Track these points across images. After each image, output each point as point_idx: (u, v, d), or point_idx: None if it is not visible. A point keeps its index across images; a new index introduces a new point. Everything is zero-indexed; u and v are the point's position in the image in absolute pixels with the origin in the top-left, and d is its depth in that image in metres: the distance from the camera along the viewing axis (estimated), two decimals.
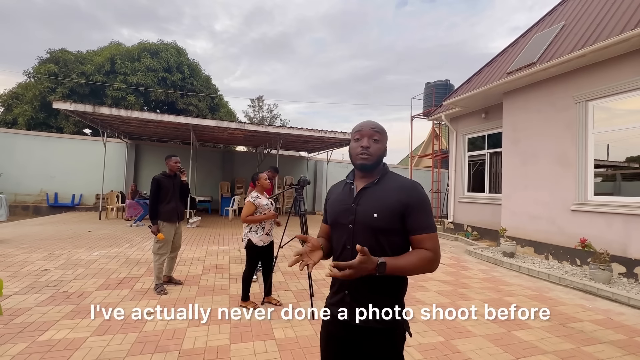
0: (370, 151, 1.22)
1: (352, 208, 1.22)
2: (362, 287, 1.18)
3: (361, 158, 1.23)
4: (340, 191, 1.33)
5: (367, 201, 1.20)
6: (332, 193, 1.38)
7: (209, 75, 17.99)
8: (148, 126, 10.33)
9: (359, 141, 1.25)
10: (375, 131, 1.24)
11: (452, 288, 4.41)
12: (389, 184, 1.23)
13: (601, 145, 5.63)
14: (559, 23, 6.80)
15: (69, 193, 11.60)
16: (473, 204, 8.83)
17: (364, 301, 1.18)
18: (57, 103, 8.17)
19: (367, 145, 1.22)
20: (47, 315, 3.03)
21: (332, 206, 1.32)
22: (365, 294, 1.18)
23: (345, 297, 1.22)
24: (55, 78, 13.86)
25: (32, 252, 5.34)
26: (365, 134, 1.24)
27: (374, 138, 1.24)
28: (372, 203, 1.19)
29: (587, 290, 4.46)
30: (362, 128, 1.25)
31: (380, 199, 1.19)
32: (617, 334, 3.15)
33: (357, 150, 1.24)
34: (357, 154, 1.24)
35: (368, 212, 1.18)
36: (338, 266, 1.05)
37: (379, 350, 1.16)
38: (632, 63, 5.02)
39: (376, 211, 1.17)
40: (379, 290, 1.18)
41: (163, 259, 3.86)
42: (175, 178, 4.04)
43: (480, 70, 8.51)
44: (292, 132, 9.91)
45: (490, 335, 2.99)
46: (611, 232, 5.12)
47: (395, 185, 1.21)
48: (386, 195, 1.19)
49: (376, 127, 1.25)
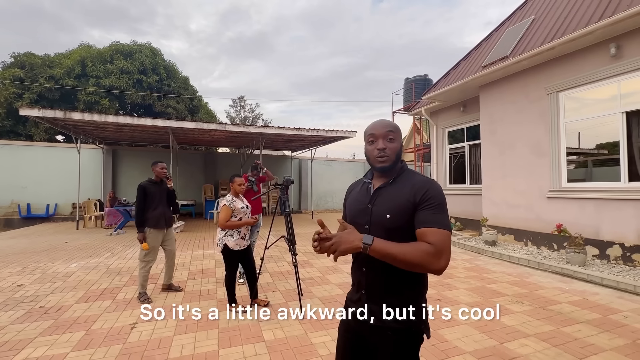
0: (387, 152, 1.20)
1: (368, 209, 1.22)
2: (378, 287, 1.19)
3: (380, 161, 1.21)
4: (358, 190, 1.33)
5: (381, 202, 1.20)
6: (351, 191, 1.38)
7: (186, 77, 17.55)
8: (124, 130, 9.98)
9: (374, 143, 1.23)
10: (389, 131, 1.22)
11: (438, 279, 4.50)
12: (403, 183, 1.20)
13: (573, 133, 5.88)
14: (529, 17, 7.03)
15: (42, 203, 11.08)
16: (455, 196, 9.05)
17: (380, 301, 1.17)
18: (25, 110, 7.75)
19: (384, 146, 1.20)
20: (22, 333, 2.88)
21: (350, 205, 1.33)
22: (382, 293, 1.18)
23: (362, 296, 1.23)
24: (22, 83, 13.15)
25: (4, 267, 5.07)
26: (380, 135, 1.22)
27: (389, 137, 1.22)
28: (386, 204, 1.19)
29: (565, 273, 4.67)
30: (375, 130, 1.23)
31: (393, 199, 1.18)
32: (592, 314, 3.31)
33: (375, 153, 1.22)
34: (375, 157, 1.21)
35: (382, 213, 1.18)
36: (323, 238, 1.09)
37: (394, 350, 1.15)
38: (598, 54, 5.25)
39: (389, 212, 1.16)
40: (395, 290, 1.17)
41: (149, 266, 3.77)
42: (162, 184, 3.97)
43: (456, 65, 8.70)
44: (275, 131, 9.83)
45: (474, 323, 3.08)
46: (584, 217, 5.37)
47: (408, 185, 1.19)
48: (398, 195, 1.18)
49: (389, 126, 1.23)
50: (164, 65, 15.96)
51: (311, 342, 2.72)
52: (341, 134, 10.69)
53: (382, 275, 1.16)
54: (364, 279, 1.22)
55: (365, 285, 1.22)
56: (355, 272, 1.28)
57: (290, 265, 5.22)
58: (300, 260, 5.33)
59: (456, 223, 8.73)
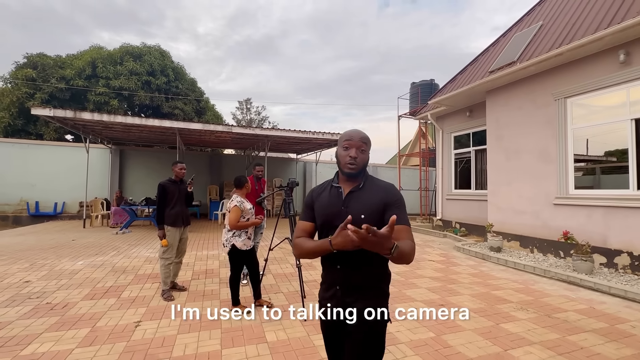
0: (357, 161, 1.36)
1: (343, 211, 1.33)
2: (353, 282, 1.33)
3: (350, 168, 1.36)
4: (327, 194, 1.43)
5: (355, 204, 1.34)
6: (319, 195, 1.46)
7: (194, 78, 17.75)
8: (132, 131, 10.11)
9: (347, 150, 1.37)
10: (363, 142, 1.38)
11: (442, 284, 4.48)
12: (372, 187, 1.38)
13: (581, 140, 5.83)
14: (537, 23, 7.01)
15: (50, 201, 11.24)
16: (460, 201, 8.99)
17: (355, 294, 1.33)
18: (36, 109, 7.90)
19: (355, 155, 1.35)
20: (29, 329, 2.92)
21: (321, 209, 1.40)
22: (357, 287, 1.33)
23: (337, 292, 1.35)
24: (34, 83, 13.41)
25: (13, 263, 5.16)
26: (354, 144, 1.37)
27: (362, 149, 1.37)
28: (360, 205, 1.33)
29: (571, 281, 4.61)
30: (351, 138, 1.38)
31: (367, 201, 1.34)
32: (599, 323, 3.26)
33: (346, 159, 1.36)
34: (346, 162, 1.36)
35: (357, 214, 1.29)
36: (369, 229, 1.00)
37: (368, 334, 1.32)
38: (607, 61, 5.21)
39: (364, 212, 1.31)
40: (369, 283, 1.33)
41: (169, 262, 3.85)
42: (182, 184, 4.10)
43: (463, 70, 8.69)
44: (280, 134, 9.88)
45: (479, 329, 3.05)
46: (592, 224, 5.30)
47: (377, 188, 1.38)
48: (371, 198, 1.35)
49: (364, 139, 1.39)
50: (172, 67, 16.17)
51: (313, 344, 2.72)
52: None
53: (356, 271, 1.31)
54: (338, 275, 1.35)
55: (341, 281, 1.35)
56: (328, 271, 1.40)
57: (293, 267, 5.22)
58: (304, 263, 5.33)
59: (461, 228, 8.67)
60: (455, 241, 7.81)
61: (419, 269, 5.31)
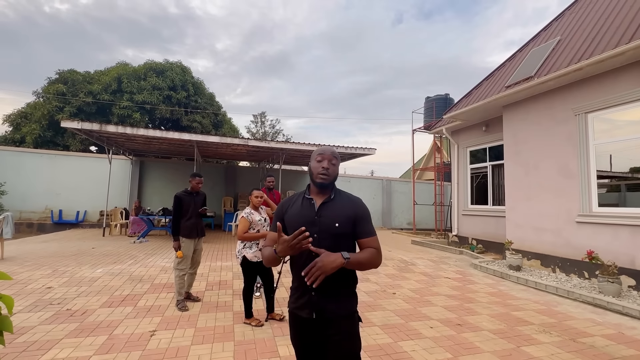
0: (329, 172, 1.49)
1: (316, 220, 1.44)
2: (328, 285, 1.38)
3: (321, 178, 1.48)
4: (299, 205, 1.52)
5: (328, 214, 1.45)
6: (289, 207, 1.54)
7: (212, 93, 18.36)
8: (153, 143, 10.49)
9: (320, 162, 1.50)
10: (334, 157, 1.53)
11: (459, 302, 4.34)
12: (342, 199, 1.51)
13: (604, 156, 5.64)
14: (554, 38, 6.95)
15: (73, 210, 11.68)
16: (477, 217, 8.78)
17: (330, 296, 1.42)
18: (66, 122, 8.35)
19: (327, 167, 1.48)
20: (50, 334, 3.01)
21: (293, 219, 1.48)
22: (330, 290, 1.41)
23: (312, 297, 1.42)
24: (64, 97, 14.21)
25: (36, 269, 5.35)
26: (326, 157, 1.51)
27: (332, 162, 1.51)
28: (334, 215, 1.44)
29: (597, 303, 4.38)
30: (324, 152, 1.53)
31: (339, 211, 1.46)
32: (629, 349, 3.08)
33: (319, 170, 1.49)
34: (319, 173, 1.48)
35: (331, 223, 1.43)
36: (308, 271, 1.29)
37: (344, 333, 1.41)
38: (629, 75, 5.09)
39: (337, 221, 1.43)
40: (340, 285, 1.43)
41: (183, 274, 3.90)
42: (198, 195, 4.18)
43: (479, 84, 8.64)
44: (294, 147, 10.02)
45: (498, 352, 2.93)
46: (618, 244, 5.06)
47: (347, 200, 1.52)
48: (343, 208, 1.47)
49: (335, 154, 1.55)
50: (192, 82, 16.80)
51: None
52: (360, 150, 10.74)
53: (331, 276, 1.35)
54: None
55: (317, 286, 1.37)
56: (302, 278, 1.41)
57: None
58: None
59: (478, 245, 8.43)
60: (472, 258, 7.58)
61: (434, 286, 5.18)
